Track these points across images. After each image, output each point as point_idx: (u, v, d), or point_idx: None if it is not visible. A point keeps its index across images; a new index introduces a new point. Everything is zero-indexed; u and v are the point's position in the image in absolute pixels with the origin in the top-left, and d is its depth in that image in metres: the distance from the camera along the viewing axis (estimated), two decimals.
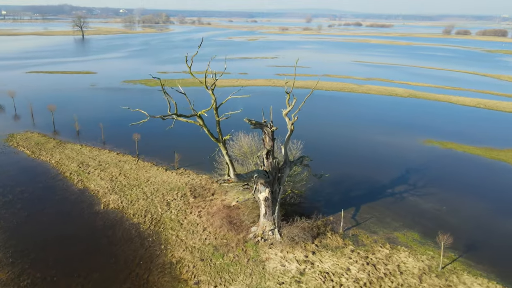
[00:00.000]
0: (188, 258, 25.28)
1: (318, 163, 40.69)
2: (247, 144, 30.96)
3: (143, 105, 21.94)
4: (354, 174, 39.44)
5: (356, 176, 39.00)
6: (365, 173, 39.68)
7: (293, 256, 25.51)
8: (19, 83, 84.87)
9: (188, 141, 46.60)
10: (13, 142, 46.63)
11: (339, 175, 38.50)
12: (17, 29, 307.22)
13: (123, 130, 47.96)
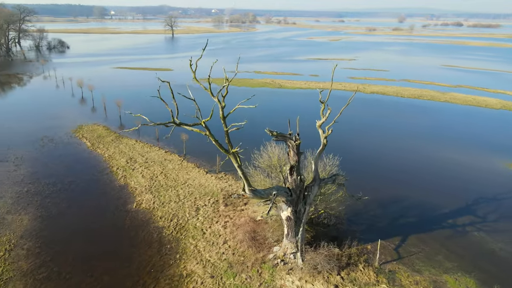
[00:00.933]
0: (199, 273, 23.85)
1: (367, 179, 36.82)
2: (277, 155, 28.46)
3: (201, 104, 21.24)
4: (408, 196, 34.42)
5: (409, 199, 34.00)
6: (421, 197, 34.39)
7: (312, 287, 22.56)
8: (103, 77, 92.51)
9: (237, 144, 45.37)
10: (79, 133, 50.15)
11: (388, 196, 34.01)
12: (119, 28, 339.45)
13: (177, 129, 48.68)
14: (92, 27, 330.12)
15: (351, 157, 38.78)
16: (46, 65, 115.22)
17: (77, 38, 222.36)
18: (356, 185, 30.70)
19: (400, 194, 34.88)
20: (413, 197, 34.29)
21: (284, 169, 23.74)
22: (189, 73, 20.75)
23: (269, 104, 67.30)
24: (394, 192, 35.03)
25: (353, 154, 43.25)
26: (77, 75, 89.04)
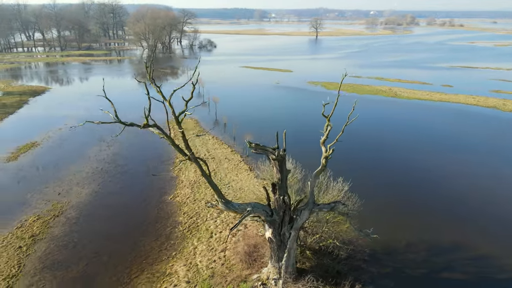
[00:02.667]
0: (179, 275, 23.82)
1: (403, 209, 30.22)
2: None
3: (292, 107, 21.72)
4: (443, 240, 26.88)
5: (445, 243, 26.53)
6: (460, 238, 26.40)
7: None
8: (221, 75, 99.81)
9: (300, 150, 43.27)
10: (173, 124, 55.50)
11: (420, 236, 27.24)
12: (271, 29, 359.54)
13: (255, 128, 49.71)
14: (246, 29, 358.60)
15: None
16: (190, 61, 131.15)
17: (228, 38, 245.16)
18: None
19: (435, 237, 27.57)
20: (452, 240, 26.65)
21: (267, 186, 21.54)
22: (306, 76, 20.61)
23: (367, 113, 61.58)
24: (430, 232, 27.90)
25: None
26: (203, 70, 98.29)
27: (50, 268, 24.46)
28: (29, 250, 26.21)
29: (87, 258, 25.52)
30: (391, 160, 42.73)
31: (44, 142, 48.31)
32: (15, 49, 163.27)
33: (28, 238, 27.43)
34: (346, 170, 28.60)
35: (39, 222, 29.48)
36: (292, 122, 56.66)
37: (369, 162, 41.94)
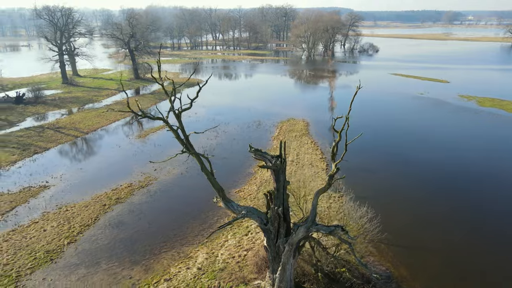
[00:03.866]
0: (197, 261, 25.61)
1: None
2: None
3: (408, 120, 24.41)
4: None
5: None
6: None
7: None
8: (369, 80, 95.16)
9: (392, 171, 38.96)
10: (281, 124, 57.31)
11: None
12: (457, 34, 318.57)
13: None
14: (425, 33, 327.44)
15: None
16: (346, 65, 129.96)
17: (397, 42, 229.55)
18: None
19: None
20: None
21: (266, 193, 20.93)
22: (463, 88, 20.09)
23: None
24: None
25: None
26: (351, 75, 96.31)
27: (113, 226, 29.86)
28: (109, 209, 32.47)
29: (140, 226, 29.98)
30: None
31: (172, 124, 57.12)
32: (200, 47, 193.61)
33: (113, 199, 33.94)
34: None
35: (128, 189, 35.92)
36: (390, 134, 50.79)
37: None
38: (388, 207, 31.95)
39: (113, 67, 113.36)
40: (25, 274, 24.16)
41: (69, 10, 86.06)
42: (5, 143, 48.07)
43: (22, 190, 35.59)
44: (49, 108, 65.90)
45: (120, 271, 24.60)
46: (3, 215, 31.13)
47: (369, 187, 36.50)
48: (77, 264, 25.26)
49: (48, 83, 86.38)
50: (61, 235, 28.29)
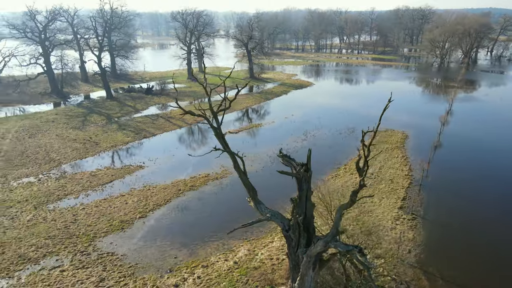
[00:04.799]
0: (236, 255, 26.72)
1: None
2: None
3: None
4: None
5: None
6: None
7: None
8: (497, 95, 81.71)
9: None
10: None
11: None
12: None
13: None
14: None
15: None
16: (493, 76, 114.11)
17: None
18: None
19: None
20: None
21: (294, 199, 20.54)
22: None
23: None
24: None
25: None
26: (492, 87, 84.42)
27: (179, 209, 33.13)
28: (181, 194, 36.02)
29: (201, 213, 32.51)
30: None
31: (266, 125, 59.31)
32: (324, 49, 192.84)
33: (188, 186, 37.46)
34: None
35: (203, 179, 39.11)
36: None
37: None
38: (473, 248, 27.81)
39: (236, 65, 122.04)
40: (100, 236, 28.90)
41: (198, 14, 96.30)
42: (126, 126, 57.08)
43: (123, 167, 42.08)
44: (170, 99, 75.15)
45: (169, 249, 27.38)
46: (102, 186, 37.47)
47: (457, 212, 32.27)
48: (140, 236, 29.02)
49: (176, 78, 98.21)
50: (137, 210, 32.72)
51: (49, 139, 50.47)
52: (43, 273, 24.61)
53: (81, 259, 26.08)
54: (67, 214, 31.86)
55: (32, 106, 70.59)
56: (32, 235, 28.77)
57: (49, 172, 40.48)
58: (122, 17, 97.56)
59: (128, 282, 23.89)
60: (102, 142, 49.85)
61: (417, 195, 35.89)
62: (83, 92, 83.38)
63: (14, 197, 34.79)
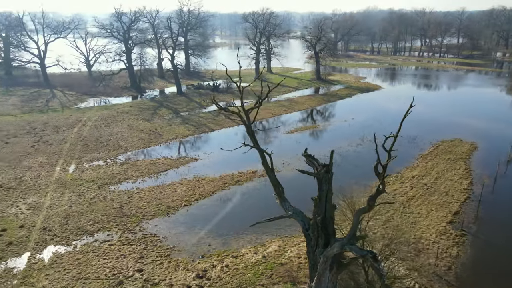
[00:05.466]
0: (266, 251, 27.47)
1: None
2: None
3: None
4: None
5: None
6: None
7: None
8: None
9: None
10: (440, 143, 50.60)
11: None
12: None
13: None
14: None
15: None
16: None
17: None
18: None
19: None
20: None
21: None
22: None
23: None
24: None
25: None
26: None
27: (222, 201, 34.83)
28: (227, 187, 37.64)
29: (242, 207, 33.83)
30: None
31: (323, 128, 58.86)
32: (402, 52, 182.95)
33: (234, 180, 39.01)
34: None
35: (250, 175, 40.33)
36: None
37: None
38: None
39: (304, 67, 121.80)
40: (147, 218, 31.69)
41: (268, 15, 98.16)
42: (188, 121, 60.81)
43: (179, 158, 45.18)
44: (234, 97, 78.01)
45: (205, 237, 29.11)
46: (158, 173, 40.71)
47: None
48: (181, 222, 31.24)
49: (244, 77, 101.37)
50: (183, 198, 35.12)
51: (120, 128, 55.90)
52: (95, 245, 27.85)
53: (127, 237, 28.95)
54: (123, 195, 35.38)
55: (113, 98, 78.42)
56: (92, 211, 32.56)
57: (116, 157, 45.02)
58: (198, 18, 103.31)
59: (163, 262, 26.01)
60: (165, 134, 53.85)
61: (473, 211, 33.27)
62: (158, 87, 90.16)
63: (84, 177, 39.49)
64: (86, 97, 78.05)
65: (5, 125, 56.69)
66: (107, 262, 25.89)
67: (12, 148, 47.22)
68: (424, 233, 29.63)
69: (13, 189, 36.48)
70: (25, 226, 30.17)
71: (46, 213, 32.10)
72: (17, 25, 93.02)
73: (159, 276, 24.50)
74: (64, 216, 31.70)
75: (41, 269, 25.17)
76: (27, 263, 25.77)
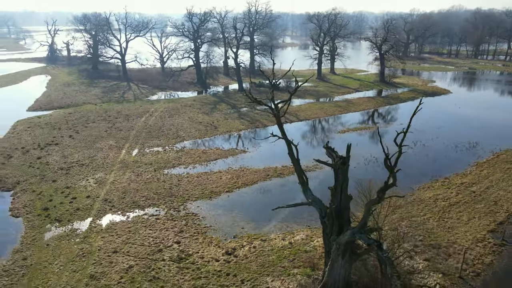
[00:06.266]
0: (294, 239, 29.05)
1: None
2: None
3: None
4: None
5: None
6: None
7: None
8: None
9: None
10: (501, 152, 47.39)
11: None
12: None
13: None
14: None
15: None
16: None
17: None
18: None
19: None
20: None
21: None
22: None
23: None
24: None
25: None
26: None
27: (261, 191, 37.02)
28: (268, 179, 39.66)
29: (280, 197, 35.49)
30: None
31: (374, 129, 58.12)
32: (484, 56, 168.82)
33: (276, 173, 40.83)
34: None
35: (293, 169, 41.77)
36: None
37: None
38: None
39: (369, 68, 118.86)
40: (191, 200, 35.00)
41: (334, 16, 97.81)
42: (244, 116, 63.93)
43: (229, 150, 48.24)
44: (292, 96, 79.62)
45: (240, 221, 31.52)
46: (208, 162, 44.11)
47: None
48: (221, 206, 34.03)
49: (305, 77, 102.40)
50: (226, 185, 37.94)
51: (182, 120, 60.75)
52: (144, 217, 31.72)
53: (172, 214, 32.44)
54: (174, 178, 39.22)
55: (180, 92, 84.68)
56: (146, 189, 36.76)
57: (174, 145, 49.47)
58: (266, 19, 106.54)
59: (199, 237, 28.92)
60: (221, 127, 57.48)
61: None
62: (221, 84, 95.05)
63: (144, 160, 44.27)
64: (156, 91, 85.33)
65: (87, 112, 64.74)
66: (152, 232, 29.50)
67: (90, 132, 54.13)
68: (459, 239, 28.92)
69: (86, 165, 42.31)
70: (91, 196, 35.22)
71: (109, 188, 37.00)
72: (104, 24, 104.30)
73: (193, 249, 27.43)
74: (122, 191, 36.30)
75: (99, 232, 29.54)
76: (89, 226, 30.36)
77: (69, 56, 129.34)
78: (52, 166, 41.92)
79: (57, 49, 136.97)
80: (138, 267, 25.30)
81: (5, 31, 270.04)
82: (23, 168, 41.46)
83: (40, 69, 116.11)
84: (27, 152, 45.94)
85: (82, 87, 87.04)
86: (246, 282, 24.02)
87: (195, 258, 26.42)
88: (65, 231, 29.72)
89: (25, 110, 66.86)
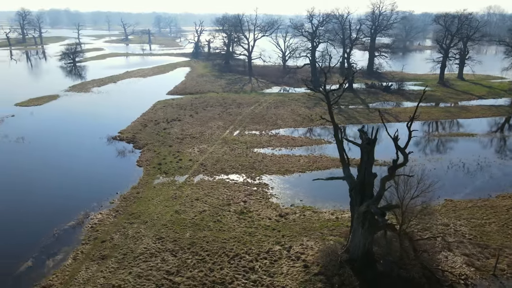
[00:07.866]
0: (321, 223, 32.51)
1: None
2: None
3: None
4: None
5: None
6: None
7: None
8: None
9: None
10: None
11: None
12: None
13: None
14: None
15: None
16: None
17: None
18: None
19: None
20: None
21: None
22: None
23: None
24: None
25: None
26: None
27: (329, 175, 40.74)
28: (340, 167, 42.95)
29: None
30: None
31: (476, 137, 54.51)
32: None
33: (351, 163, 43.74)
34: None
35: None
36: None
37: None
38: None
39: (505, 75, 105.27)
40: (267, 173, 41.05)
41: (465, 17, 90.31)
42: (342, 113, 66.96)
43: (316, 139, 52.70)
44: (402, 98, 78.48)
45: (301, 195, 36.27)
46: (292, 147, 49.46)
47: None
48: (289, 182, 39.27)
49: (426, 81, 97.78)
50: (302, 167, 42.79)
51: (284, 111, 67.24)
52: (226, 180, 39.18)
53: (248, 181, 39.14)
54: (260, 156, 45.88)
55: (292, 88, 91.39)
56: (234, 161, 44.36)
57: (270, 131, 56.27)
58: (390, 20, 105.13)
59: (262, 201, 34.89)
60: (316, 120, 61.95)
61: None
62: (334, 83, 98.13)
63: (241, 139, 52.20)
64: (272, 85, 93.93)
65: (209, 98, 76.74)
66: (227, 191, 36.68)
67: (206, 113, 65.05)
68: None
69: (196, 138, 52.35)
70: (192, 160, 44.47)
71: (207, 156, 45.80)
72: (237, 24, 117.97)
73: (254, 208, 33.54)
74: (216, 159, 44.62)
75: (190, 185, 38.11)
76: (184, 180, 39.26)
77: (208, 52, 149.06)
78: (172, 135, 53.22)
79: (201, 46, 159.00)
80: (209, 212, 32.68)
81: (167, 30, 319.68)
82: (152, 134, 53.80)
83: (185, 62, 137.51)
84: (158, 124, 58.76)
85: (212, 78, 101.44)
86: (285, 237, 29.04)
87: (253, 214, 32.51)
88: (168, 180, 39.21)
89: (165, 93, 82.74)
